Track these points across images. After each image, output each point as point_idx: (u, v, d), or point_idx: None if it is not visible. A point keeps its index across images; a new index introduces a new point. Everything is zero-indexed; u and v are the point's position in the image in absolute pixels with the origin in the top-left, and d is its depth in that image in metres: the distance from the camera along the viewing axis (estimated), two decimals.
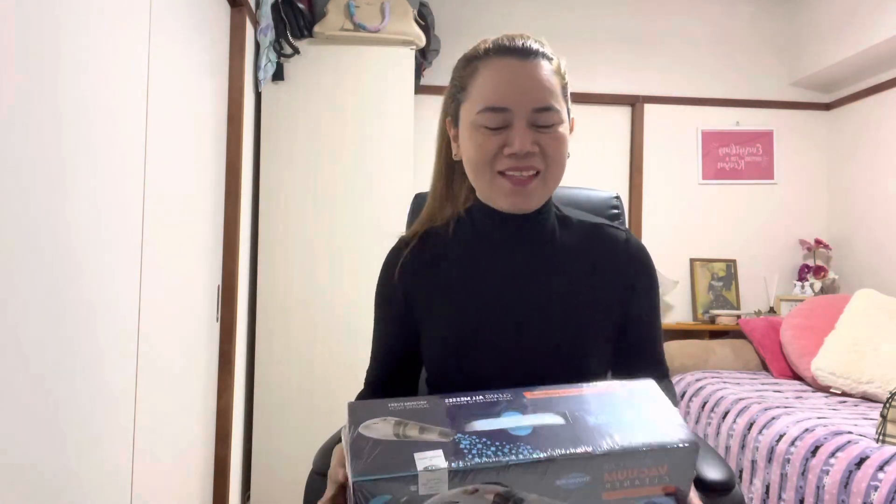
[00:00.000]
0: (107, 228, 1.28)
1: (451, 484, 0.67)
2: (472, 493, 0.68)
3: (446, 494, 0.68)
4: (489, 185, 0.94)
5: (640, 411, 0.77)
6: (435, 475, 0.68)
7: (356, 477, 0.67)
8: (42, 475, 1.06)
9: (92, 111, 1.21)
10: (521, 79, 0.91)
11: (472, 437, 0.71)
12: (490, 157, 0.91)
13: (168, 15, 1.61)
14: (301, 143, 2.55)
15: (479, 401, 0.78)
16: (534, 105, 0.90)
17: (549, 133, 0.92)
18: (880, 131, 3.26)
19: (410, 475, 0.67)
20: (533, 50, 0.93)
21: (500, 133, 0.91)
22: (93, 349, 1.23)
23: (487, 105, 0.91)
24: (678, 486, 0.73)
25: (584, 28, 3.51)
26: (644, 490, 0.72)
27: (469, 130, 0.94)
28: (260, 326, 2.52)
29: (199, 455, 2.00)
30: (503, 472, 0.69)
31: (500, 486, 0.69)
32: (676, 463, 0.73)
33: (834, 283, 3.47)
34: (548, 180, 0.94)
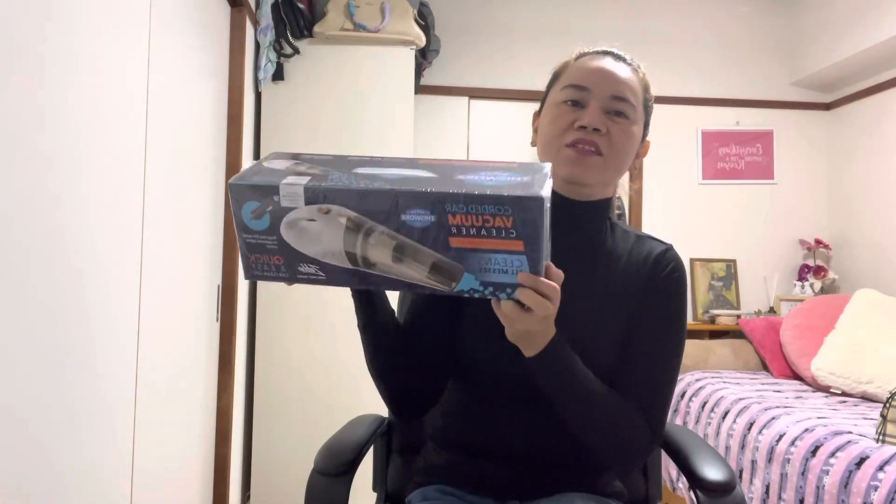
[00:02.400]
0: (107, 228, 1.28)
1: (307, 201, 0.75)
2: (326, 214, 0.76)
3: (303, 211, 0.76)
4: (555, 156, 0.97)
5: (510, 177, 0.77)
6: (293, 189, 0.76)
7: (231, 182, 0.77)
8: (42, 475, 1.06)
9: (92, 111, 1.20)
10: (607, 67, 0.99)
11: (344, 174, 0.78)
12: (561, 130, 0.96)
13: (168, 15, 1.60)
14: (301, 143, 2.55)
15: (379, 161, 0.83)
16: (612, 92, 0.96)
17: (619, 124, 0.96)
18: (880, 131, 3.26)
19: (272, 185, 0.76)
20: (622, 56, 1.03)
21: (576, 110, 0.97)
22: (93, 349, 1.22)
23: (571, 83, 0.98)
24: (527, 244, 0.73)
25: (583, 28, 3.50)
26: (491, 242, 0.73)
27: (549, 108, 1.01)
28: (260, 326, 2.52)
29: (199, 455, 2.00)
30: (353, 199, 0.75)
31: (350, 212, 0.75)
32: (523, 217, 0.72)
33: (834, 283, 3.47)
34: (608, 165, 0.97)
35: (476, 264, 0.74)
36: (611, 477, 1.03)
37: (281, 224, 0.77)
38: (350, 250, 0.76)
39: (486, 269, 0.74)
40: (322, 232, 0.76)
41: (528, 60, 3.46)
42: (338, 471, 1.03)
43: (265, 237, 0.77)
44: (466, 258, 0.74)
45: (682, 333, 0.99)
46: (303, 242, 0.77)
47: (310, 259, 0.78)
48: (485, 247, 0.73)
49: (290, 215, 0.76)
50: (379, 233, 0.75)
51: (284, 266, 0.79)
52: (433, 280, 0.76)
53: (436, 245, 0.74)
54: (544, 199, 0.72)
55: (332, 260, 0.77)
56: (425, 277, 0.76)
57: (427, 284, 0.76)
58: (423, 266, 0.75)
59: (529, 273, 0.74)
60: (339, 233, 0.76)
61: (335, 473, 1.03)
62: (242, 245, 0.79)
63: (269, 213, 0.76)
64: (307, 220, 0.76)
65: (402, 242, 0.75)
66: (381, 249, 0.75)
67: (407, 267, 0.75)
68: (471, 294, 0.76)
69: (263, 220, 0.77)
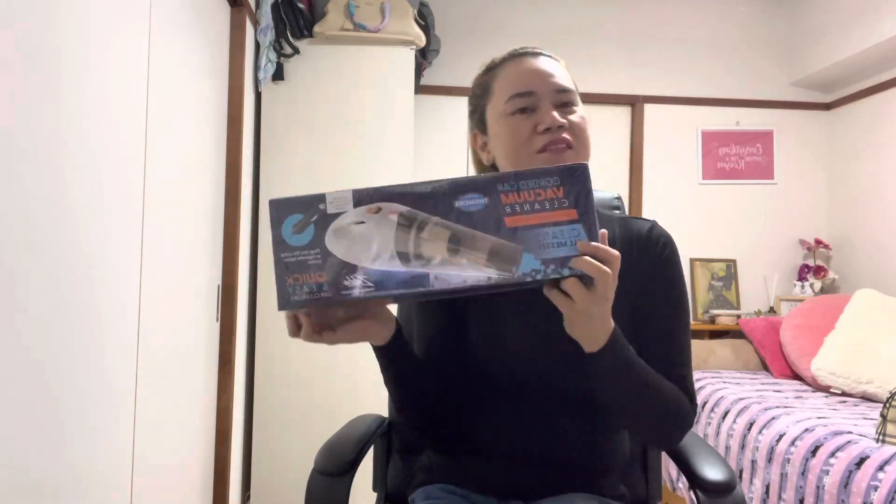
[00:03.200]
0: (107, 228, 1.28)
1: (356, 203, 0.74)
2: (377, 213, 0.73)
3: (353, 213, 0.73)
4: (529, 164, 0.97)
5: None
6: (340, 195, 0.74)
7: (272, 199, 0.75)
8: (42, 475, 1.06)
9: (92, 111, 1.20)
10: (541, 66, 1.00)
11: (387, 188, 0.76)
12: (526, 139, 0.96)
13: (168, 15, 1.60)
14: (301, 143, 2.55)
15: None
16: (555, 87, 0.98)
17: (573, 113, 0.98)
18: (880, 131, 3.26)
19: (318, 196, 0.74)
20: (542, 52, 1.03)
21: (530, 116, 0.97)
22: (93, 349, 1.22)
23: (514, 92, 0.98)
24: (580, 212, 0.73)
25: (584, 28, 3.51)
26: (545, 215, 0.73)
27: (500, 123, 1.00)
28: (260, 326, 2.52)
29: (199, 455, 2.00)
30: (402, 195, 0.74)
31: (402, 207, 0.73)
32: (571, 184, 0.74)
33: (834, 283, 3.47)
34: (580, 154, 0.97)
35: (534, 242, 0.73)
36: (615, 479, 1.03)
37: (327, 233, 0.73)
38: (402, 249, 0.73)
39: (545, 244, 0.73)
40: (372, 233, 0.73)
41: None
42: (338, 470, 1.04)
43: (307, 252, 0.74)
44: (523, 237, 0.73)
45: (688, 303, 1.01)
46: (351, 249, 0.73)
47: (357, 269, 0.73)
48: (540, 221, 0.73)
49: (337, 221, 0.73)
50: (433, 224, 0.73)
51: (328, 283, 0.73)
52: (493, 266, 0.73)
53: (491, 228, 0.73)
54: (587, 166, 0.75)
55: (381, 265, 0.73)
56: (484, 264, 0.73)
57: (487, 273, 0.73)
58: (480, 253, 0.73)
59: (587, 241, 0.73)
60: (390, 232, 0.73)
61: (335, 473, 1.03)
62: (281, 268, 0.74)
63: (313, 225, 0.74)
64: (356, 223, 0.73)
65: (457, 231, 0.73)
66: (436, 242, 0.73)
67: (464, 257, 0.73)
68: (532, 277, 0.73)
69: (306, 234, 0.74)
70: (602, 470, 1.00)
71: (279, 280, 0.74)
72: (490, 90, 1.02)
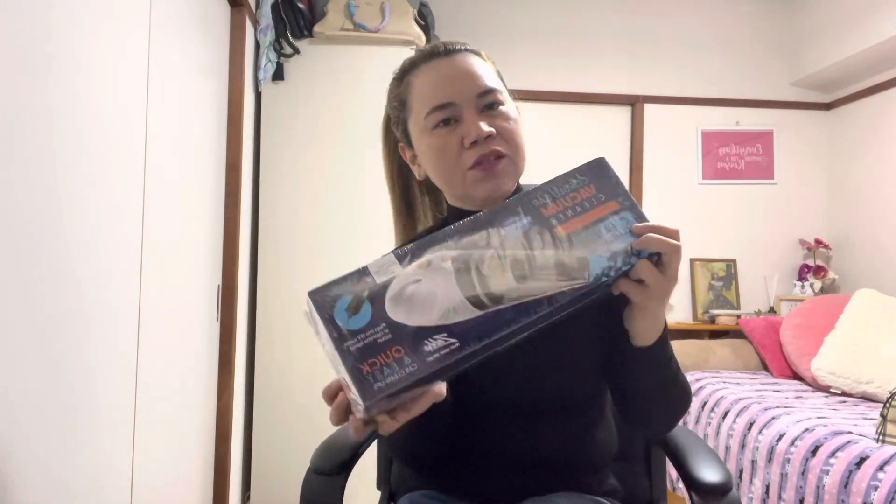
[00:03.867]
0: (107, 228, 1.28)
1: (403, 263, 0.68)
2: (428, 266, 0.68)
3: (405, 274, 0.68)
4: (462, 182, 0.92)
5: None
6: (383, 260, 0.69)
7: (310, 291, 0.67)
8: (42, 475, 1.06)
9: (92, 111, 1.21)
10: (456, 70, 0.92)
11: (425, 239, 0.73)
12: (454, 156, 0.90)
13: (168, 15, 1.60)
14: (301, 143, 2.55)
15: None
16: (476, 91, 0.91)
17: (499, 116, 0.91)
18: (880, 131, 3.26)
19: (359, 270, 0.68)
20: (456, 48, 0.94)
21: (455, 130, 0.90)
22: (93, 349, 1.23)
23: (432, 105, 0.91)
24: (618, 201, 0.74)
25: (584, 28, 3.51)
26: (592, 213, 0.73)
27: (424, 139, 0.93)
28: (260, 327, 2.52)
29: (199, 455, 2.00)
30: (445, 240, 0.70)
31: (451, 252, 0.69)
32: (599, 179, 0.74)
33: (834, 283, 3.47)
34: (515, 159, 0.92)
35: (592, 242, 0.71)
36: (604, 475, 1.02)
37: (385, 303, 0.66)
38: (470, 293, 0.67)
39: (603, 241, 0.71)
40: (433, 288, 0.67)
41: (528, 60, 3.46)
42: (333, 470, 1.04)
43: (372, 331, 0.65)
44: (580, 241, 0.71)
45: None
46: (418, 312, 0.66)
47: (434, 329, 0.66)
48: (589, 220, 0.72)
49: (391, 288, 0.67)
50: (489, 258, 0.69)
51: (407, 356, 0.65)
52: (567, 280, 0.69)
53: (547, 242, 0.70)
54: (604, 158, 0.75)
55: (457, 316, 0.66)
56: (556, 279, 0.69)
57: (566, 290, 0.68)
58: (548, 270, 0.69)
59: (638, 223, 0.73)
60: (450, 280, 0.68)
61: (330, 472, 1.04)
62: (350, 359, 0.64)
63: (367, 301, 0.66)
64: (412, 283, 0.67)
65: (515, 257, 0.69)
66: (500, 274, 0.68)
67: (534, 280, 0.68)
68: (607, 275, 0.70)
69: (363, 313, 0.66)
70: (586, 467, 0.99)
71: (353, 374, 0.63)
72: (407, 104, 0.95)
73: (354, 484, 1.39)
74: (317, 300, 0.67)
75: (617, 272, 0.71)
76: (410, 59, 0.97)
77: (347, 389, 0.66)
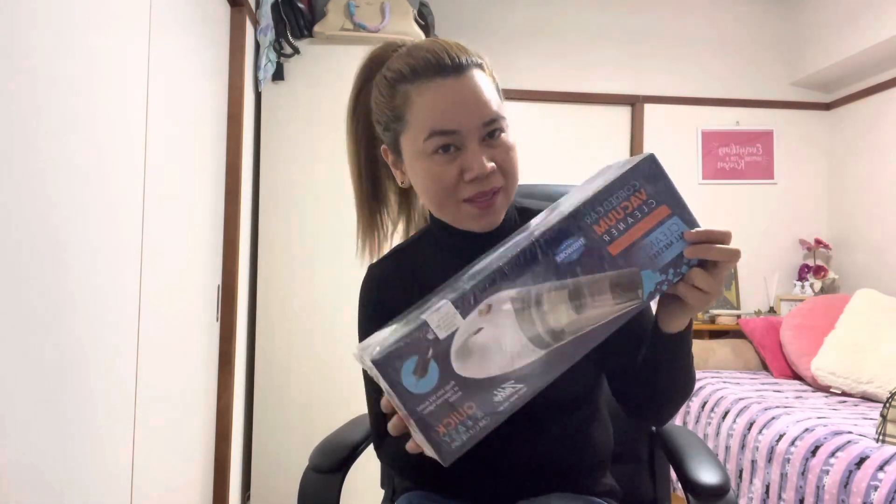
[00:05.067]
0: (107, 228, 1.28)
1: (463, 313, 0.66)
2: (488, 313, 0.67)
3: (466, 325, 0.66)
4: (455, 212, 0.90)
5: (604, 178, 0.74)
6: (441, 313, 0.66)
7: (375, 358, 0.65)
8: (42, 475, 1.06)
9: (92, 111, 1.21)
10: (464, 96, 0.86)
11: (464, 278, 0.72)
12: (451, 186, 0.87)
13: (168, 15, 1.60)
14: (301, 143, 2.55)
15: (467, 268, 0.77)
16: (482, 119, 0.86)
17: (501, 146, 0.88)
18: (880, 131, 3.26)
19: (419, 327, 0.66)
20: (463, 63, 0.88)
21: (454, 159, 0.86)
22: (93, 349, 1.23)
23: (434, 130, 0.86)
24: (670, 204, 0.71)
25: (583, 27, 3.51)
26: (642, 224, 0.71)
27: (418, 161, 0.89)
28: (260, 326, 2.52)
29: (199, 455, 2.00)
30: (501, 278, 0.67)
31: (509, 292, 0.67)
32: (650, 181, 0.71)
33: (834, 283, 3.47)
34: (509, 193, 0.91)
35: (644, 256, 0.70)
36: (600, 475, 1.02)
37: (451, 360, 0.66)
38: (532, 333, 0.67)
39: (655, 253, 0.70)
40: (497, 335, 0.67)
41: (528, 60, 3.46)
42: (330, 468, 1.05)
43: (442, 391, 0.65)
44: (633, 257, 0.70)
45: None
46: (484, 364, 0.66)
47: (502, 378, 0.67)
48: (640, 233, 0.70)
49: (456, 341, 0.66)
50: (547, 292, 0.68)
51: (479, 409, 0.66)
52: (622, 302, 0.69)
53: (599, 265, 0.69)
54: (654, 155, 0.72)
55: (521, 360, 0.67)
56: (613, 305, 0.69)
57: (621, 312, 0.69)
58: (605, 295, 0.69)
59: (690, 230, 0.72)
60: (512, 323, 0.67)
61: (327, 470, 1.04)
62: (423, 422, 0.65)
63: (432, 360, 0.65)
64: (474, 333, 0.66)
65: (572, 286, 0.68)
66: (560, 308, 0.68)
67: (592, 309, 0.69)
68: (660, 290, 0.71)
69: (431, 374, 0.65)
70: (582, 467, 0.99)
71: (428, 435, 0.65)
72: (404, 119, 0.89)
73: (358, 483, 1.40)
74: (381, 366, 0.65)
75: (669, 284, 0.71)
76: (409, 65, 0.88)
77: (422, 443, 0.67)
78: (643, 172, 0.71)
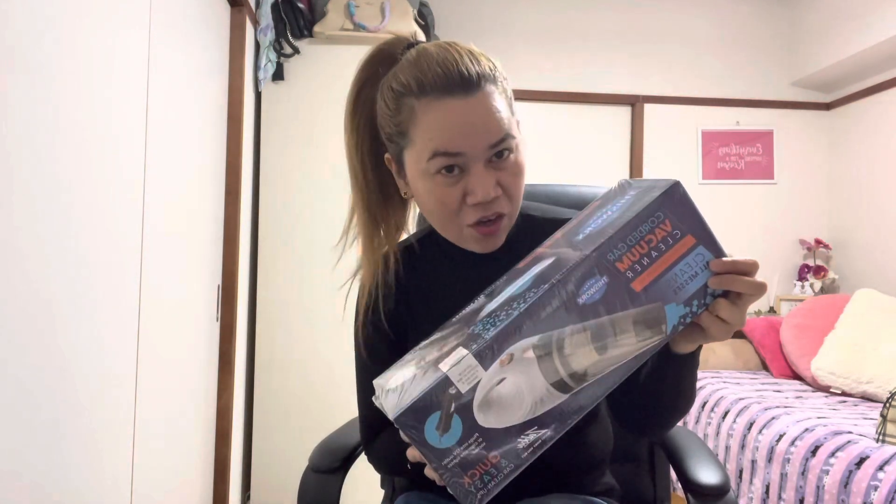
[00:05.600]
0: (107, 228, 1.28)
1: (485, 365, 0.65)
2: (510, 363, 0.66)
3: (488, 377, 0.66)
4: (457, 234, 0.90)
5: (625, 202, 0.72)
6: (462, 365, 0.65)
7: (396, 416, 0.65)
8: (42, 475, 1.06)
9: (92, 111, 1.21)
10: (472, 118, 0.82)
11: (482, 320, 0.70)
12: (454, 209, 0.85)
13: (168, 15, 1.61)
14: (301, 143, 2.55)
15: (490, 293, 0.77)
16: (490, 142, 0.82)
17: (508, 168, 0.85)
18: (880, 131, 3.26)
19: (440, 382, 0.65)
20: (474, 78, 0.82)
21: (458, 181, 0.84)
22: (92, 349, 1.23)
23: (438, 150, 0.82)
24: (695, 233, 0.69)
25: (584, 28, 3.51)
26: (667, 257, 0.68)
27: (421, 179, 0.86)
28: (260, 326, 2.52)
29: (199, 455, 2.00)
30: (522, 325, 0.66)
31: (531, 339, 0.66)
32: (674, 210, 0.68)
33: (834, 283, 3.47)
34: (512, 216, 0.90)
35: (668, 290, 0.68)
36: (599, 474, 1.01)
37: (475, 413, 0.65)
38: (554, 379, 0.66)
39: (679, 286, 0.68)
40: (519, 384, 0.66)
41: (528, 60, 3.46)
42: (331, 468, 1.05)
43: (466, 444, 0.65)
44: (656, 292, 0.68)
45: None
46: (507, 414, 0.66)
47: (525, 425, 0.66)
48: (664, 265, 0.68)
49: (478, 395, 0.65)
50: (570, 335, 0.66)
51: (504, 458, 0.66)
52: (646, 339, 0.68)
53: (623, 302, 0.67)
54: (679, 183, 0.69)
55: (544, 406, 0.66)
56: (636, 343, 0.68)
57: (645, 349, 0.68)
58: (627, 334, 0.67)
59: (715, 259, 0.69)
60: (535, 370, 0.66)
61: (328, 471, 1.05)
62: (448, 474, 0.65)
63: (455, 415, 0.65)
64: (497, 384, 0.66)
65: (594, 328, 0.67)
66: (582, 352, 0.67)
67: (615, 349, 0.67)
68: (683, 323, 0.69)
69: (454, 429, 0.65)
70: (581, 466, 0.99)
71: (454, 488, 0.66)
72: (407, 135, 0.85)
73: (358, 483, 1.40)
74: (402, 424, 0.65)
75: (693, 316, 0.69)
76: (416, 79, 0.83)
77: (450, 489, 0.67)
78: (668, 202, 0.68)
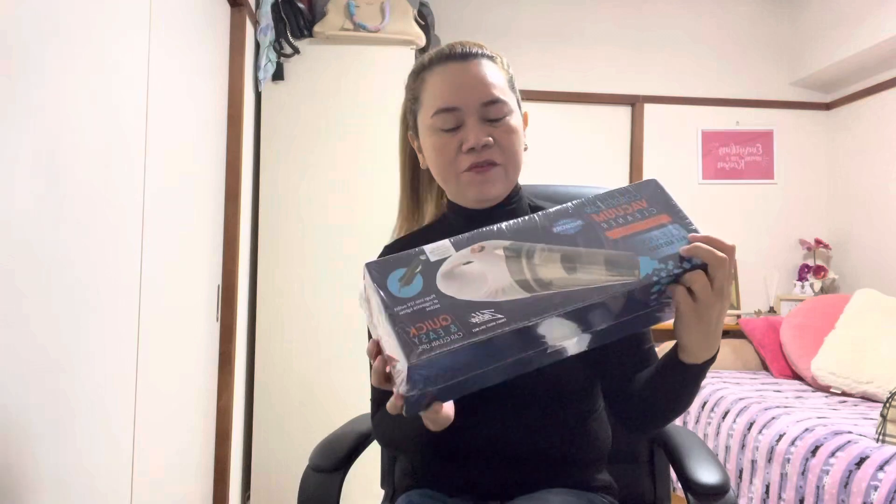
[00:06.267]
0: (107, 228, 1.28)
1: (458, 248, 0.73)
2: (481, 251, 0.73)
3: (458, 256, 0.72)
4: (456, 184, 0.98)
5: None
6: (439, 244, 0.74)
7: (368, 262, 0.72)
8: (42, 475, 1.06)
9: (92, 111, 1.21)
10: (466, 77, 0.96)
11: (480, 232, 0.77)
12: (451, 158, 0.96)
13: (168, 15, 1.61)
14: (301, 143, 2.55)
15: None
16: (482, 100, 0.94)
17: (501, 126, 0.95)
18: (880, 131, 3.26)
19: (416, 250, 0.73)
20: (472, 52, 0.98)
21: (456, 133, 0.95)
22: (92, 349, 1.23)
23: (439, 107, 0.95)
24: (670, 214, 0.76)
25: (584, 28, 3.51)
26: (642, 223, 0.75)
27: (428, 136, 0.98)
28: (260, 326, 2.52)
29: (199, 455, 2.00)
30: (500, 234, 0.74)
31: (504, 242, 0.73)
32: (650, 195, 0.78)
33: (834, 283, 3.47)
34: (508, 171, 0.97)
35: (643, 246, 0.73)
36: (595, 469, 1.02)
37: (437, 278, 0.71)
38: (520, 277, 0.70)
39: (655, 246, 0.73)
40: (484, 269, 0.71)
41: (528, 60, 3.46)
42: (331, 467, 1.05)
43: (422, 300, 0.69)
44: (630, 245, 0.73)
45: None
46: (467, 289, 0.70)
47: (482, 303, 0.69)
48: (639, 228, 0.74)
49: (445, 265, 0.72)
50: (540, 250, 0.73)
51: (454, 324, 0.68)
52: (616, 276, 0.70)
53: (596, 243, 0.73)
54: (657, 181, 0.78)
55: (505, 296, 0.69)
56: (605, 275, 0.70)
57: (616, 284, 0.70)
58: (598, 266, 0.71)
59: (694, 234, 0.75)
60: (501, 265, 0.71)
61: (327, 470, 1.05)
62: (399, 323, 0.67)
63: (419, 275, 0.71)
64: (464, 264, 0.72)
65: (566, 251, 0.73)
66: (550, 265, 0.71)
67: (584, 273, 0.71)
68: (658, 276, 0.71)
69: (415, 284, 0.70)
70: (580, 461, 0.99)
71: (401, 336, 0.66)
72: (419, 100, 1.00)
73: (358, 483, 1.40)
74: (372, 270, 0.71)
75: (668, 275, 0.71)
76: (429, 56, 1.01)
77: (392, 361, 0.69)
78: (644, 188, 0.77)
